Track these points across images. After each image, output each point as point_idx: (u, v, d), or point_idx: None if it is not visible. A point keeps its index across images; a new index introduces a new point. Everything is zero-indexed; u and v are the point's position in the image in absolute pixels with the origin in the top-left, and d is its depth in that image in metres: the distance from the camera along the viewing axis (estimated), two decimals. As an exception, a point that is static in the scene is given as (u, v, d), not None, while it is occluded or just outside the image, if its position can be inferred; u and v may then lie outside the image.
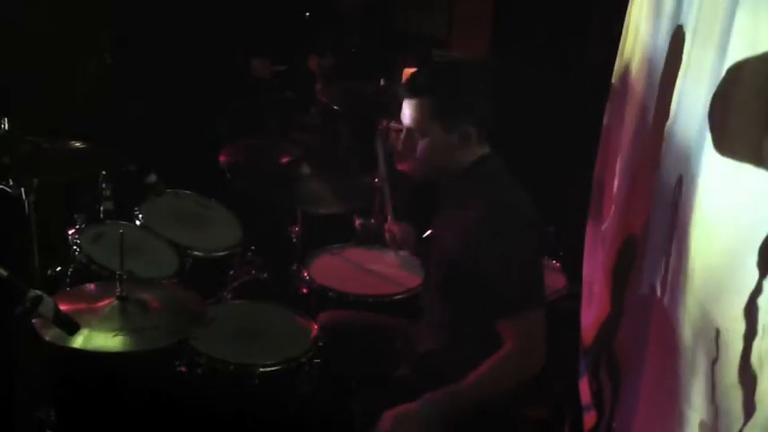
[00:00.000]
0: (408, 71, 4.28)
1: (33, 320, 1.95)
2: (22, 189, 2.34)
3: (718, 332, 1.54)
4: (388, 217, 2.87)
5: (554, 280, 2.85)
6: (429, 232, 2.64)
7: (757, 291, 1.40)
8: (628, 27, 2.76)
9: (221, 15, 4.30)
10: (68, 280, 2.54)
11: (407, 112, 2.18)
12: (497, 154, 2.26)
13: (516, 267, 2.10)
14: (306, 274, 2.83)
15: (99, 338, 2.04)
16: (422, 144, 2.18)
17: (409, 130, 2.20)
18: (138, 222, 2.81)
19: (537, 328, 2.10)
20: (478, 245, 2.11)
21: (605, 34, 3.02)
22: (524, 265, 2.13)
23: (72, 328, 1.85)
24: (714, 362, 1.55)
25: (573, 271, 3.00)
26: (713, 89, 1.66)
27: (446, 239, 2.26)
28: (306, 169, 3.00)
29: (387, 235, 2.83)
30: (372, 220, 3.04)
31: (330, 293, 2.75)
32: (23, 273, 2.26)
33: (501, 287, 2.09)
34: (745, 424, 1.42)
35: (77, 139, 2.55)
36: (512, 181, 2.23)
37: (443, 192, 2.33)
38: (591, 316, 2.79)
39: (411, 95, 2.17)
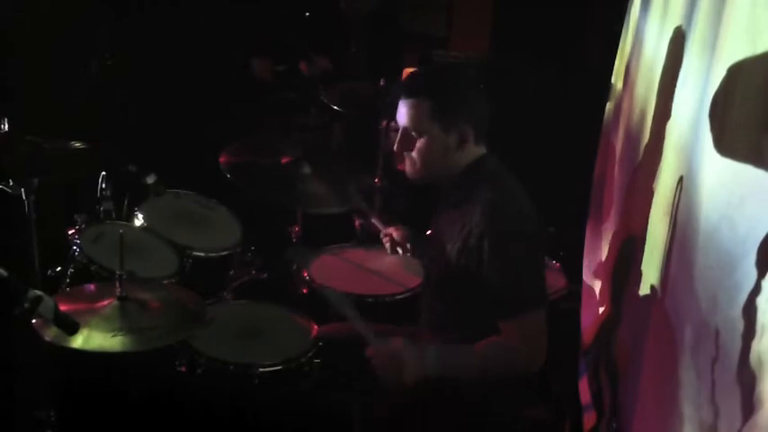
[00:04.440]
0: (408, 71, 4.29)
1: (33, 320, 1.95)
2: (22, 189, 2.34)
3: (717, 332, 1.54)
4: (380, 226, 2.87)
5: (554, 280, 2.85)
6: (429, 232, 2.64)
7: (756, 290, 1.40)
8: (628, 27, 2.77)
9: (222, 15, 4.30)
10: (68, 280, 2.54)
11: (405, 111, 2.17)
12: (496, 154, 2.26)
13: (517, 268, 2.10)
14: (306, 274, 2.83)
15: (99, 338, 2.04)
16: (419, 144, 2.17)
17: (405, 129, 2.19)
18: (138, 222, 2.81)
19: (538, 328, 2.10)
20: (479, 246, 2.11)
21: (605, 34, 3.02)
22: (525, 265, 2.13)
23: (72, 328, 1.85)
24: (713, 362, 1.55)
25: (573, 271, 3.00)
26: (713, 89, 1.66)
27: (446, 241, 2.26)
28: (306, 169, 3.00)
29: (385, 241, 2.83)
30: (372, 220, 3.03)
31: (330, 293, 2.74)
32: (23, 273, 2.25)
33: (502, 288, 2.08)
34: (744, 424, 1.42)
35: (77, 139, 2.55)
36: (511, 181, 2.23)
37: (442, 192, 2.33)
38: (591, 316, 2.80)
39: (409, 96, 2.16)
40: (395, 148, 2.25)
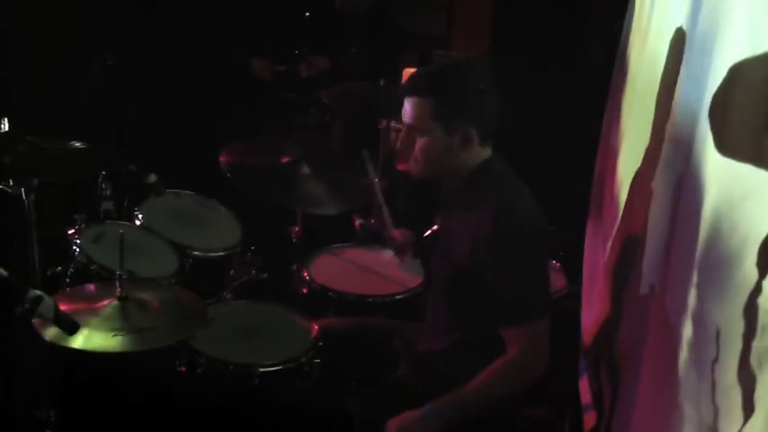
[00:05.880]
0: (408, 71, 4.28)
1: (33, 320, 1.95)
2: (22, 189, 2.34)
3: (717, 332, 1.54)
4: (389, 226, 2.86)
5: (554, 280, 2.85)
6: (429, 232, 2.63)
7: (756, 290, 1.40)
8: (628, 27, 2.77)
9: (221, 15, 4.30)
10: (68, 280, 2.54)
11: (408, 108, 2.16)
12: (500, 156, 2.25)
13: (524, 275, 2.10)
14: (306, 274, 2.83)
15: (99, 338, 2.04)
16: (421, 143, 2.16)
17: (410, 127, 2.18)
18: (138, 222, 2.81)
19: (542, 336, 2.10)
20: (487, 250, 2.09)
21: (605, 34, 3.02)
22: (532, 272, 2.13)
23: (72, 328, 1.85)
24: (714, 362, 1.55)
25: (573, 271, 3.00)
26: (713, 89, 1.66)
27: (451, 244, 2.25)
28: (306, 169, 3.00)
29: (391, 243, 2.82)
30: (372, 221, 3.03)
31: (330, 293, 2.75)
32: (23, 273, 2.25)
33: (509, 295, 2.07)
34: (744, 424, 1.42)
35: (77, 139, 2.55)
36: (518, 185, 2.21)
37: (447, 195, 2.32)
38: (591, 316, 2.79)
39: (412, 93, 2.15)
40: (398, 145, 2.23)
